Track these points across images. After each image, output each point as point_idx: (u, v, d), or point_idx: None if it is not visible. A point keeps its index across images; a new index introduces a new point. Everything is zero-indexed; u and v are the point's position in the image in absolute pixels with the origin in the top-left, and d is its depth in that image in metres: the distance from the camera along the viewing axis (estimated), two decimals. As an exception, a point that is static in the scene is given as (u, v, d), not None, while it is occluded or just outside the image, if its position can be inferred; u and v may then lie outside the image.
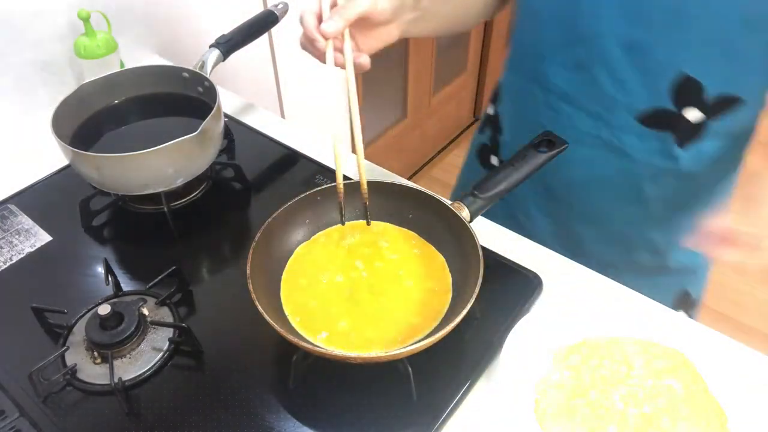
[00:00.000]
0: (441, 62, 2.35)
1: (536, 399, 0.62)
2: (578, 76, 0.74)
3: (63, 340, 0.69)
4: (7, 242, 0.82)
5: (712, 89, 0.68)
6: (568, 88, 0.76)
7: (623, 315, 0.68)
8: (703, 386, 0.62)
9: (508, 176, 0.71)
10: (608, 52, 0.70)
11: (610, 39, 0.69)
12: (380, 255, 0.72)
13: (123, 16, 1.12)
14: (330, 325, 0.65)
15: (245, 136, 1.01)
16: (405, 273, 0.70)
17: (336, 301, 0.67)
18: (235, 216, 0.89)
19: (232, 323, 0.73)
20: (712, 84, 0.68)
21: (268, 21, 1.00)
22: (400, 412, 0.63)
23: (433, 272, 0.70)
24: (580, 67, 0.73)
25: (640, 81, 0.70)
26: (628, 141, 0.75)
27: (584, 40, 0.71)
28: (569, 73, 0.75)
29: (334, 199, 0.72)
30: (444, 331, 0.58)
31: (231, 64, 0.96)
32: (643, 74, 0.70)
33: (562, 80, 0.76)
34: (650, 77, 0.70)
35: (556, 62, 0.76)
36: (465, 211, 0.69)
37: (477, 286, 0.61)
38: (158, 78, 0.92)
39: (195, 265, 0.80)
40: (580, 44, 0.72)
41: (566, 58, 0.74)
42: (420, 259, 0.72)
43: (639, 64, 0.69)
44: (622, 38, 0.68)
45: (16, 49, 1.01)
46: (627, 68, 0.70)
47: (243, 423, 0.63)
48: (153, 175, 0.79)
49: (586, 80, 0.74)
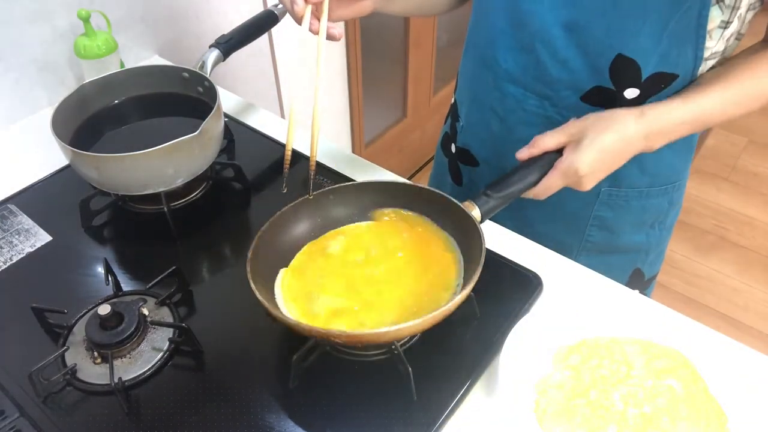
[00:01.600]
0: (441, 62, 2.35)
1: (536, 399, 0.62)
2: (524, 57, 0.77)
3: (63, 340, 0.69)
4: (7, 242, 0.82)
5: (649, 68, 0.70)
6: (516, 70, 0.79)
7: (623, 315, 0.68)
8: (703, 386, 0.62)
9: (523, 177, 0.70)
10: (549, 33, 0.72)
11: (550, 20, 0.72)
12: (386, 252, 0.71)
13: (123, 16, 1.12)
14: (327, 316, 0.65)
15: (245, 136, 1.01)
16: (408, 269, 0.69)
17: (336, 292, 0.67)
18: (235, 216, 0.89)
19: (232, 323, 0.73)
20: (648, 63, 0.70)
21: (268, 21, 1.00)
22: (400, 412, 0.63)
23: (438, 269, 0.69)
24: (525, 49, 0.76)
25: (581, 61, 0.73)
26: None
27: (527, 22, 0.74)
28: (516, 56, 0.78)
29: (345, 198, 0.72)
30: (436, 312, 0.57)
31: (231, 64, 0.96)
32: (583, 55, 0.72)
33: (509, 63, 0.79)
34: (590, 58, 0.72)
35: (504, 45, 0.78)
36: (476, 211, 0.68)
37: (473, 281, 0.60)
38: (158, 78, 0.92)
39: (195, 265, 0.80)
40: (524, 27, 0.74)
41: (513, 41, 0.77)
42: (426, 254, 0.71)
43: (579, 45, 0.72)
44: (561, 20, 0.71)
45: (16, 49, 1.01)
46: (568, 49, 0.72)
47: (243, 423, 0.63)
48: (153, 175, 0.79)
49: (531, 62, 0.76)
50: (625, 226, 0.88)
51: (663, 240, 0.95)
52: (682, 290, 2.01)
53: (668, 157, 0.82)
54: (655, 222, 0.89)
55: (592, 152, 0.68)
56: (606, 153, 0.68)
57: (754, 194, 2.34)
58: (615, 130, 0.68)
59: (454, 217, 0.70)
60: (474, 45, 0.86)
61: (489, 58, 0.81)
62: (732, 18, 0.67)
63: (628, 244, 0.91)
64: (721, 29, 0.68)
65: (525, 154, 0.71)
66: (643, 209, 0.87)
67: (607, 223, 0.88)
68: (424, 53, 2.23)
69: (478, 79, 0.86)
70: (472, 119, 0.91)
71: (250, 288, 0.60)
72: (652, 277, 0.99)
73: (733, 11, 0.66)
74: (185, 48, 1.27)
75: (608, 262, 0.92)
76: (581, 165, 0.68)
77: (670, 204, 0.88)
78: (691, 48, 0.68)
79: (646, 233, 0.90)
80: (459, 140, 0.96)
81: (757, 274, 2.05)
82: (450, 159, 1.00)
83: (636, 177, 0.83)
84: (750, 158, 2.49)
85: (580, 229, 0.90)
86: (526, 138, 0.73)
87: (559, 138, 0.70)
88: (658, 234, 0.92)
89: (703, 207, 2.29)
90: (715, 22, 0.67)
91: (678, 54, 0.69)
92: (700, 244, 2.16)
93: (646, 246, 0.92)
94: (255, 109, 1.08)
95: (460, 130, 0.95)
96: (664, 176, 0.84)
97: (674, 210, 0.91)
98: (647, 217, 0.88)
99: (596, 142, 0.68)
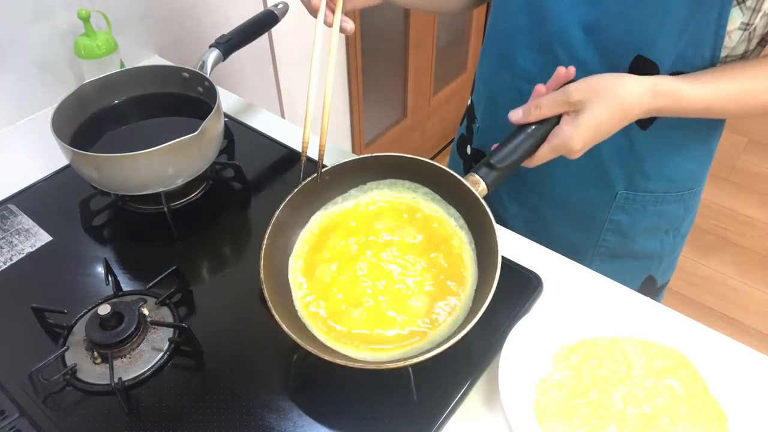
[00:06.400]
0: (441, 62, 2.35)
1: (536, 399, 0.62)
2: (542, 57, 0.76)
3: (63, 340, 0.69)
4: (7, 242, 0.82)
5: (665, 68, 0.69)
6: (534, 69, 0.78)
7: (623, 315, 0.68)
8: (703, 386, 0.62)
9: (524, 139, 0.68)
10: (568, 33, 0.72)
11: (570, 20, 0.71)
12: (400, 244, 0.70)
13: (123, 16, 1.12)
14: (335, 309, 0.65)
15: (245, 136, 1.00)
16: (421, 265, 0.68)
17: (343, 287, 0.66)
18: (235, 216, 0.89)
19: (232, 323, 0.73)
20: (667, 64, 0.69)
21: (268, 21, 1.00)
22: (400, 412, 0.63)
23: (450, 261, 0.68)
24: (544, 48, 0.76)
25: (599, 62, 0.72)
26: None
27: (546, 21, 0.73)
28: (534, 55, 0.77)
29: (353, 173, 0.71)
30: (459, 335, 0.58)
31: (231, 64, 0.96)
32: (602, 55, 0.71)
33: (528, 62, 0.79)
34: (609, 58, 0.71)
35: (523, 44, 0.78)
36: (481, 184, 0.66)
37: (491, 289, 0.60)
38: (158, 78, 0.92)
39: (195, 265, 0.80)
40: (543, 26, 0.74)
41: (531, 40, 0.77)
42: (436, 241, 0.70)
43: (598, 46, 0.71)
44: (581, 20, 0.70)
45: (16, 49, 1.01)
46: (586, 49, 0.72)
47: (243, 423, 0.63)
48: (153, 175, 0.79)
49: (549, 61, 0.75)
50: (640, 232, 0.88)
51: (677, 247, 0.94)
52: (682, 290, 2.01)
53: (687, 163, 0.82)
54: (670, 229, 0.89)
55: (589, 129, 0.66)
56: (602, 127, 0.67)
57: (754, 194, 2.34)
58: (615, 97, 0.65)
59: (458, 193, 0.68)
60: (492, 43, 0.85)
61: (508, 57, 0.81)
62: (753, 20, 0.65)
63: (643, 250, 0.90)
64: (741, 30, 0.67)
65: (520, 119, 0.69)
66: (659, 215, 0.86)
67: (622, 227, 0.87)
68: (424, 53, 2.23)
69: (496, 78, 0.85)
70: (488, 120, 0.91)
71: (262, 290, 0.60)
72: (664, 284, 0.98)
73: (754, 13, 0.65)
74: (185, 48, 1.27)
75: (622, 268, 0.91)
76: (576, 141, 0.66)
77: (685, 211, 0.88)
78: (708, 49, 0.68)
79: (660, 240, 0.89)
80: (475, 141, 0.96)
81: (757, 274, 2.05)
82: (465, 161, 1.00)
83: (653, 182, 0.82)
84: (750, 158, 2.48)
85: (595, 232, 0.89)
86: None
87: (558, 108, 0.67)
88: (672, 241, 0.91)
89: (703, 207, 2.27)
90: (735, 23, 0.66)
91: (695, 54, 0.68)
92: (700, 244, 2.16)
93: (659, 253, 0.91)
94: (255, 109, 1.08)
95: (477, 131, 0.95)
96: (681, 182, 0.84)
97: (689, 217, 0.90)
98: (662, 224, 0.87)
99: (595, 117, 0.66)
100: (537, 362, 0.65)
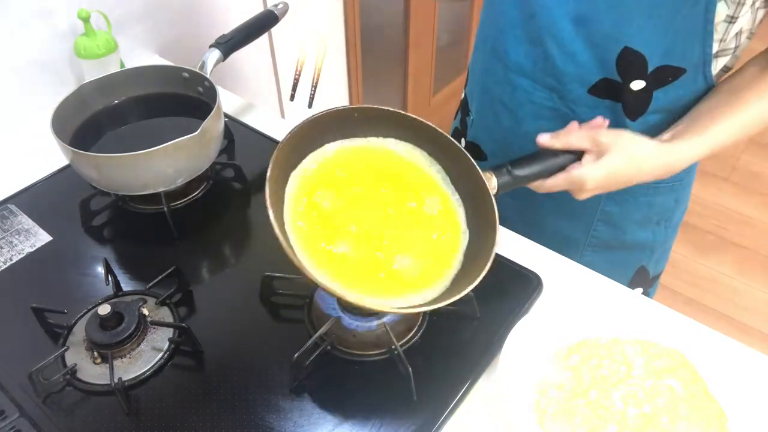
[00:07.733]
0: (441, 62, 2.35)
1: (536, 399, 0.62)
2: (533, 50, 0.78)
3: (63, 340, 0.69)
4: (7, 242, 0.82)
5: (654, 61, 0.71)
6: (525, 62, 0.79)
7: (623, 315, 0.68)
8: (703, 386, 0.62)
9: (546, 160, 0.70)
10: (558, 26, 0.73)
11: (559, 13, 0.72)
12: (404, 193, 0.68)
13: (123, 16, 1.12)
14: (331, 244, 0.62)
15: (245, 136, 1.00)
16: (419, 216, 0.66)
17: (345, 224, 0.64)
18: (235, 216, 0.89)
19: (232, 323, 0.73)
20: (654, 56, 0.70)
21: (268, 21, 1.00)
22: (400, 412, 0.63)
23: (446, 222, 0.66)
24: (534, 41, 0.77)
25: (588, 54, 0.73)
26: (581, 112, 0.79)
27: (536, 14, 0.74)
28: (525, 48, 0.78)
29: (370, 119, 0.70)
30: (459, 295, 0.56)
31: (231, 64, 0.96)
32: (590, 48, 0.73)
33: (519, 55, 0.80)
34: (597, 50, 0.73)
35: (514, 37, 0.79)
36: (494, 181, 0.67)
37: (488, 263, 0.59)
38: (158, 78, 0.92)
39: (195, 265, 0.80)
40: (534, 19, 0.75)
41: (523, 33, 0.77)
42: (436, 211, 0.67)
43: (587, 38, 0.72)
44: (570, 13, 0.72)
45: (16, 49, 1.01)
46: (576, 42, 0.73)
47: (243, 423, 0.63)
48: (153, 175, 0.79)
49: (540, 54, 0.77)
50: (631, 223, 0.89)
51: (668, 239, 0.95)
52: (682, 290, 2.01)
53: None
54: (661, 219, 0.90)
55: (605, 173, 0.69)
56: (614, 176, 0.70)
57: (754, 194, 2.34)
58: (634, 158, 0.70)
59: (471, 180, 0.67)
60: (485, 37, 0.86)
61: (499, 50, 0.82)
62: (738, 13, 0.67)
63: (634, 240, 0.92)
64: (727, 23, 0.68)
65: (547, 142, 0.72)
66: (650, 206, 0.87)
67: (613, 218, 0.89)
68: (424, 53, 2.23)
69: (488, 72, 0.86)
70: (482, 112, 0.92)
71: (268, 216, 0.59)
72: (656, 275, 1.00)
73: (738, 6, 0.66)
74: (185, 48, 1.27)
75: (613, 259, 0.93)
76: (590, 181, 0.69)
77: (676, 202, 0.89)
78: (698, 44, 0.69)
79: (652, 231, 0.91)
80: (469, 134, 0.97)
81: (757, 274, 2.05)
82: None
83: None
84: (750, 158, 2.48)
85: (586, 223, 0.90)
86: (534, 131, 0.74)
87: (586, 142, 0.70)
88: (664, 232, 0.92)
89: (703, 207, 2.29)
90: (721, 16, 0.67)
91: (684, 48, 0.70)
92: (700, 244, 2.16)
93: (651, 243, 0.93)
94: (255, 109, 1.08)
95: (471, 124, 0.96)
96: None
97: (680, 209, 0.92)
98: (653, 214, 0.89)
99: (613, 164, 0.69)
100: (537, 362, 0.65)
